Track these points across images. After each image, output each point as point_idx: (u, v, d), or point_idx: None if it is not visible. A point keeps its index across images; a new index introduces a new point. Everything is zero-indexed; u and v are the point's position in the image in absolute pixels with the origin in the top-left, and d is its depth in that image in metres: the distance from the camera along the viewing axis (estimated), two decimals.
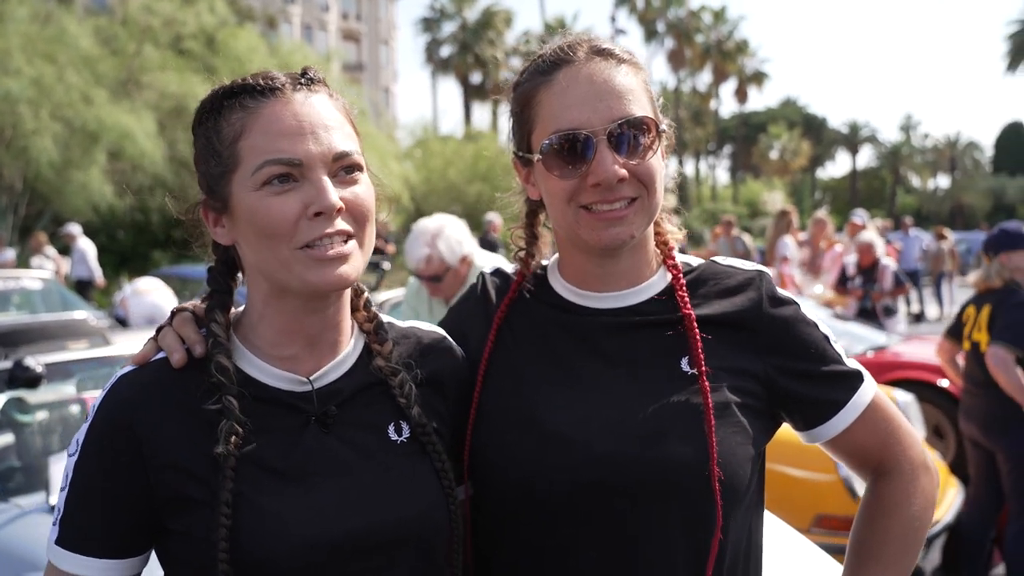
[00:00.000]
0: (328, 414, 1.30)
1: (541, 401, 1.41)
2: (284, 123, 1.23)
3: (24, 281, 9.64)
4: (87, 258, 14.31)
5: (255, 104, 1.25)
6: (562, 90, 1.37)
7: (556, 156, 1.37)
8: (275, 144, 1.22)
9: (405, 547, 1.29)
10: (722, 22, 59.92)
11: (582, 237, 1.40)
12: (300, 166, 1.22)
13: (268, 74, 1.28)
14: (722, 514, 1.34)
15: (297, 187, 1.23)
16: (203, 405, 1.24)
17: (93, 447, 1.25)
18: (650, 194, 1.38)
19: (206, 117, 1.29)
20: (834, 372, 1.46)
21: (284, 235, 1.22)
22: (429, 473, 1.34)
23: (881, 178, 72.06)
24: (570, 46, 1.40)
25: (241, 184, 1.25)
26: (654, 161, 1.38)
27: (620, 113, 1.35)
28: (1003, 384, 4.58)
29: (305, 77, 1.30)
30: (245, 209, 1.24)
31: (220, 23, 23.48)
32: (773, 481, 5.23)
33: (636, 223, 1.38)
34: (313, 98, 1.28)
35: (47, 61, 18.76)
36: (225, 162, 1.26)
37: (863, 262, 9.32)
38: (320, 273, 1.24)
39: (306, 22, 56.36)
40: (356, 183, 1.28)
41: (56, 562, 1.26)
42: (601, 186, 1.34)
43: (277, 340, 1.32)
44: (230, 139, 1.25)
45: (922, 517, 1.48)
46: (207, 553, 1.19)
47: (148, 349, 1.32)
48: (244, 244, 1.29)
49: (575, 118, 1.35)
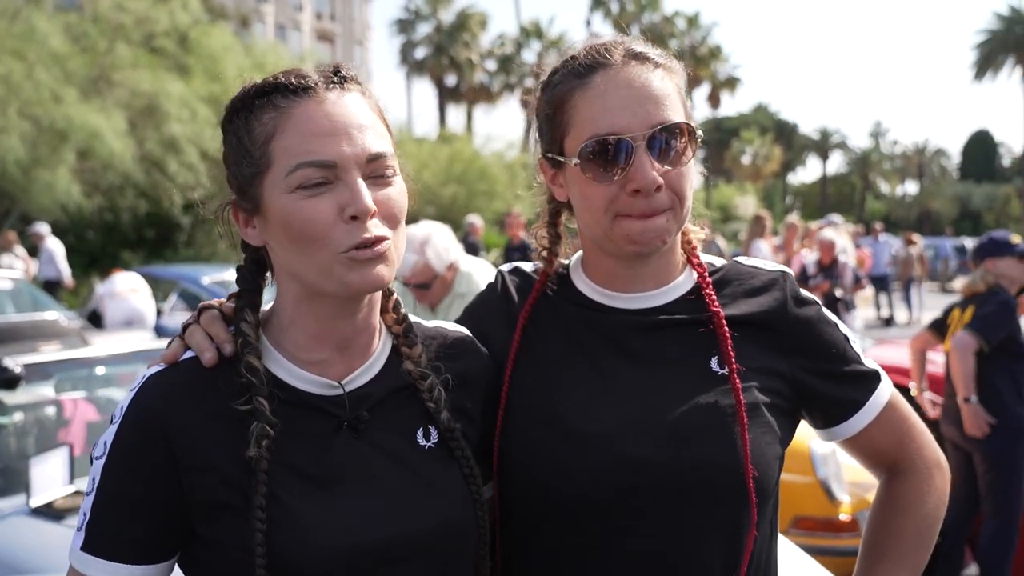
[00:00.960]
0: (360, 419, 1.28)
1: (568, 401, 1.40)
2: (317, 123, 1.20)
3: None
4: (55, 258, 14.10)
5: (287, 104, 1.22)
6: (600, 94, 1.35)
7: (593, 160, 1.35)
8: (309, 145, 1.19)
9: (434, 554, 1.28)
10: (695, 28, 60.32)
11: (616, 243, 1.39)
12: (334, 168, 1.19)
13: (300, 72, 1.25)
14: (757, 514, 1.35)
15: (331, 189, 1.20)
16: (233, 405, 1.21)
17: (122, 449, 1.21)
18: (682, 203, 1.37)
19: (236, 116, 1.26)
20: (855, 372, 1.48)
21: (320, 239, 1.19)
22: (458, 479, 1.32)
23: (851, 184, 72.98)
24: (607, 49, 1.39)
25: (274, 186, 1.22)
26: (686, 168, 1.37)
27: (659, 119, 1.34)
28: (953, 367, 4.72)
29: (338, 75, 1.26)
30: (278, 211, 1.21)
31: (193, 22, 23.23)
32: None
33: (668, 230, 1.38)
34: (346, 97, 1.25)
35: (16, 58, 18.48)
36: (257, 163, 1.23)
37: (824, 260, 9.74)
38: (360, 275, 1.21)
39: (280, 22, 55.98)
40: (390, 185, 1.25)
41: (83, 569, 1.21)
42: (640, 193, 1.33)
43: (308, 344, 1.29)
44: (262, 140, 1.22)
45: (935, 515, 1.51)
46: (239, 559, 1.17)
47: (176, 348, 1.29)
48: (276, 246, 1.26)
49: (614, 123, 1.34)
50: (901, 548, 1.50)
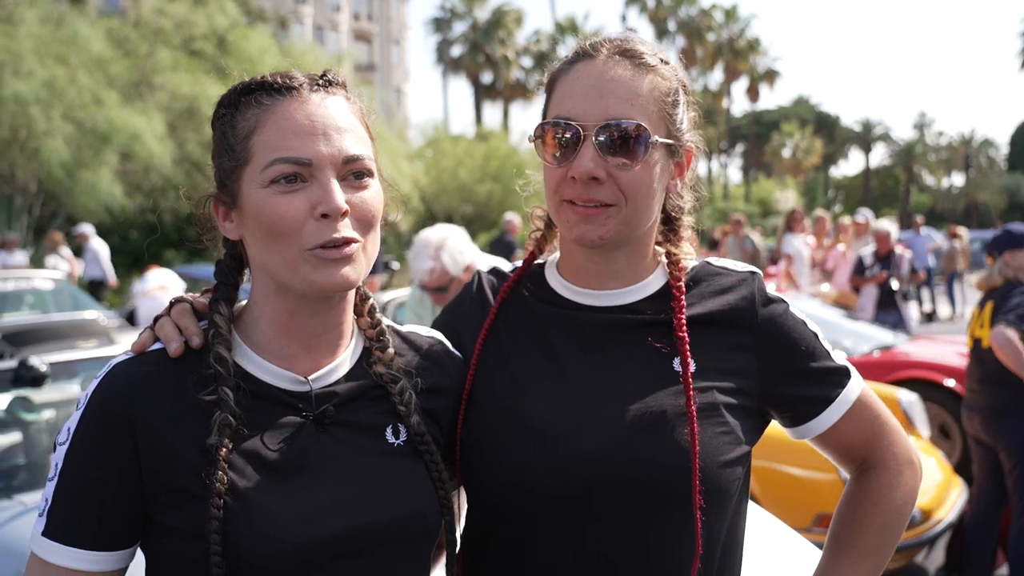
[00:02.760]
0: (325, 414, 1.30)
1: (528, 399, 1.41)
2: (297, 122, 1.24)
3: (36, 281, 9.73)
4: (99, 258, 14.41)
5: (271, 102, 1.26)
6: (573, 80, 1.39)
7: (547, 142, 1.39)
8: (286, 142, 1.23)
9: (396, 549, 1.29)
10: (733, 20, 59.71)
11: (561, 229, 1.43)
12: (309, 166, 1.23)
13: (287, 73, 1.29)
14: (703, 515, 1.34)
15: (305, 187, 1.23)
16: (199, 395, 1.23)
17: (84, 436, 1.22)
18: (628, 203, 1.36)
19: (223, 112, 1.31)
20: (823, 368, 1.48)
21: (290, 234, 1.22)
22: (424, 477, 1.34)
23: (895, 176, 71.67)
24: (598, 42, 1.42)
25: (251, 180, 1.25)
26: (639, 169, 1.35)
27: (615, 114, 1.34)
28: (1005, 360, 4.59)
29: (323, 79, 1.30)
30: (252, 205, 1.25)
31: (231, 24, 23.57)
32: (774, 481, 5.21)
33: (608, 227, 1.37)
34: (329, 100, 1.28)
35: (59, 63, 18.91)
36: (237, 157, 1.27)
37: (880, 250, 9.73)
38: (325, 274, 1.23)
39: (318, 23, 56.49)
40: (365, 188, 1.28)
41: (42, 554, 1.22)
42: (577, 181, 1.35)
43: (276, 338, 1.32)
44: (244, 134, 1.26)
45: (903, 510, 1.50)
46: (197, 547, 1.18)
47: (145, 338, 1.31)
48: (250, 240, 1.29)
49: (572, 108, 1.36)
50: (867, 539, 1.49)
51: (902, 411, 5.60)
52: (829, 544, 1.53)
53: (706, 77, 62.62)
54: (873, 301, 9.54)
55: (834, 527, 1.54)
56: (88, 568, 1.22)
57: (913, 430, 5.60)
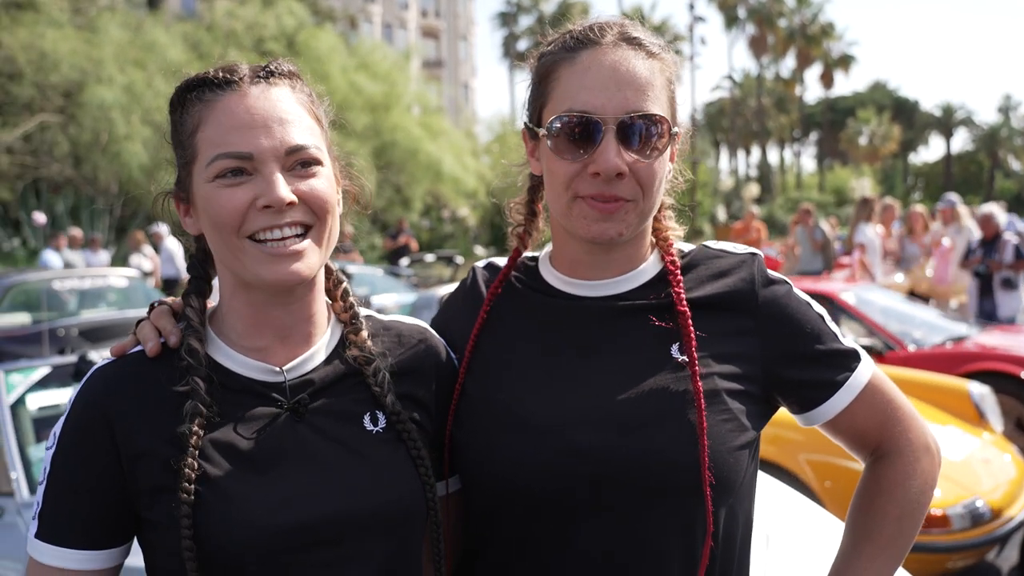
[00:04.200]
0: (301, 403, 1.30)
1: (524, 391, 1.38)
2: (237, 116, 1.24)
3: (111, 279, 10.12)
4: (174, 258, 14.86)
5: (213, 97, 1.26)
6: (583, 70, 1.33)
7: (562, 136, 1.33)
8: (226, 137, 1.23)
9: (377, 535, 1.28)
10: (806, 5, 58.33)
11: (573, 225, 1.37)
12: (251, 159, 1.23)
13: (228, 67, 1.29)
14: (712, 504, 1.30)
15: (250, 180, 1.24)
16: (172, 388, 1.25)
17: (69, 439, 1.25)
18: (645, 196, 1.34)
19: (172, 109, 1.31)
20: (829, 351, 1.41)
21: (232, 226, 1.23)
22: (405, 461, 1.33)
23: (978, 162, 69.00)
24: (600, 28, 1.37)
25: (199, 176, 1.26)
26: (657, 163, 1.33)
27: (636, 106, 1.30)
28: None
29: (265, 69, 1.30)
30: (202, 200, 1.26)
31: (300, 25, 24.05)
32: (832, 475, 5.06)
33: (627, 222, 1.34)
34: (272, 91, 1.28)
35: (138, 68, 19.57)
36: (186, 154, 1.28)
37: (986, 234, 9.38)
38: (272, 269, 1.24)
39: (386, 21, 57.16)
40: (313, 176, 1.27)
41: (37, 556, 1.24)
42: (600, 177, 1.30)
43: (247, 332, 1.32)
44: (189, 131, 1.27)
45: (920, 499, 1.44)
46: (174, 537, 1.19)
47: (127, 342, 1.33)
48: (206, 235, 1.30)
49: (589, 101, 1.31)
50: (884, 530, 1.42)
51: (973, 404, 5.39)
52: (846, 536, 1.47)
53: (778, 64, 61.37)
54: (971, 289, 9.14)
55: (850, 518, 1.48)
56: (78, 567, 1.24)
57: (985, 424, 5.39)
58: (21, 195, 19.62)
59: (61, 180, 20.53)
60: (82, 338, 7.23)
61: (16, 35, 19.13)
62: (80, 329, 7.57)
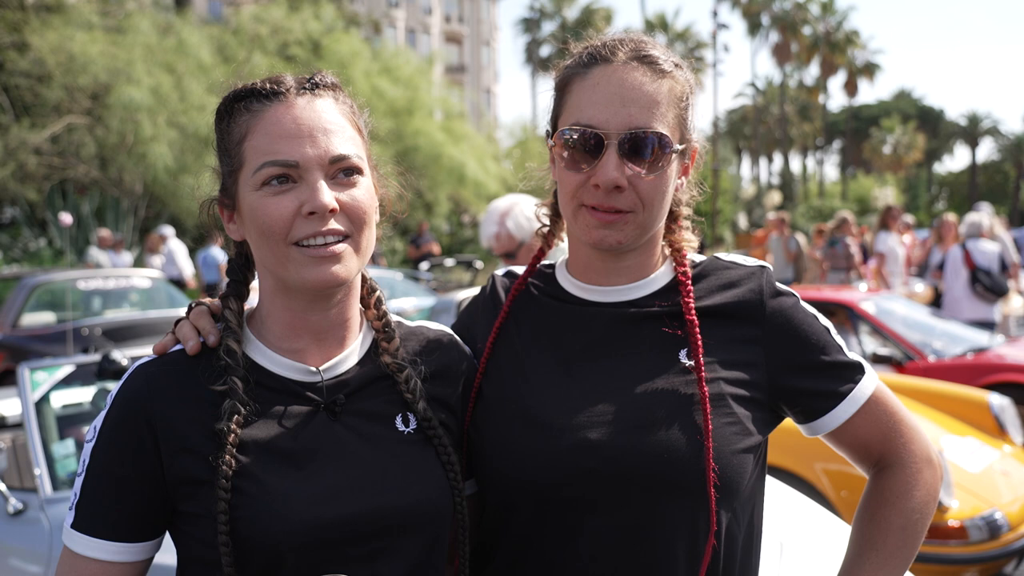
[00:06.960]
0: (336, 402, 1.35)
1: (536, 392, 1.44)
2: (283, 126, 1.30)
3: (134, 280, 10.25)
4: (175, 258, 15.08)
5: (260, 107, 1.32)
6: (592, 86, 1.40)
7: (569, 148, 1.41)
8: (274, 146, 1.29)
9: (407, 533, 1.33)
10: (831, 13, 58.03)
11: (578, 232, 1.45)
12: (297, 167, 1.29)
13: (276, 78, 1.35)
14: (717, 504, 1.35)
15: (295, 188, 1.29)
16: (211, 387, 1.30)
17: (110, 434, 1.30)
18: (646, 209, 1.40)
19: (219, 118, 1.37)
20: (834, 362, 1.46)
21: (279, 232, 1.29)
22: (435, 464, 1.38)
23: (1004, 172, 68.20)
24: (613, 45, 1.42)
25: (245, 183, 1.32)
26: (659, 178, 1.39)
27: (639, 123, 1.37)
28: None
29: (310, 81, 1.36)
30: (248, 207, 1.32)
31: (325, 30, 24.22)
32: (848, 485, 5.02)
33: (627, 232, 1.41)
34: (317, 102, 1.34)
35: (166, 70, 19.78)
36: (233, 162, 1.34)
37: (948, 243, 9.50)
38: (314, 271, 1.29)
39: (410, 26, 57.43)
40: (354, 186, 1.33)
41: (72, 546, 1.30)
42: (600, 188, 1.37)
43: (284, 334, 1.38)
44: (237, 140, 1.33)
45: (923, 510, 1.47)
46: (212, 531, 1.23)
47: (167, 340, 1.39)
48: (250, 240, 1.36)
49: (595, 116, 1.38)
50: (888, 541, 1.45)
51: (993, 415, 5.36)
52: (851, 546, 1.51)
53: (801, 72, 61.09)
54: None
55: (855, 529, 1.51)
56: (113, 559, 1.29)
57: (1005, 436, 5.35)
58: (47, 196, 19.87)
59: (87, 181, 20.78)
60: (105, 337, 7.33)
61: (46, 38, 19.40)
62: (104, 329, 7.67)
